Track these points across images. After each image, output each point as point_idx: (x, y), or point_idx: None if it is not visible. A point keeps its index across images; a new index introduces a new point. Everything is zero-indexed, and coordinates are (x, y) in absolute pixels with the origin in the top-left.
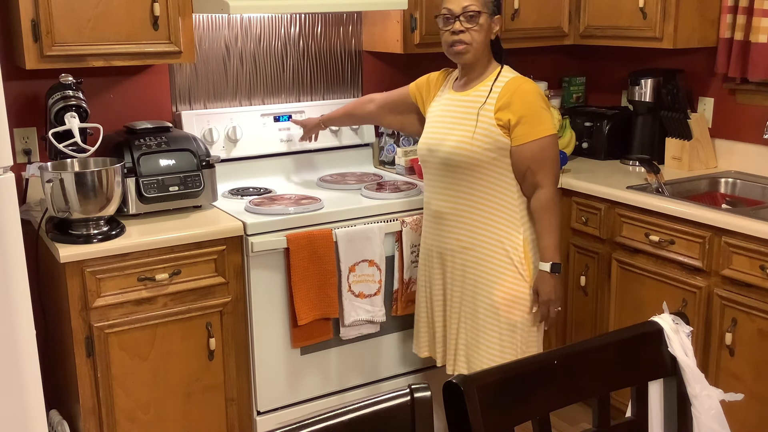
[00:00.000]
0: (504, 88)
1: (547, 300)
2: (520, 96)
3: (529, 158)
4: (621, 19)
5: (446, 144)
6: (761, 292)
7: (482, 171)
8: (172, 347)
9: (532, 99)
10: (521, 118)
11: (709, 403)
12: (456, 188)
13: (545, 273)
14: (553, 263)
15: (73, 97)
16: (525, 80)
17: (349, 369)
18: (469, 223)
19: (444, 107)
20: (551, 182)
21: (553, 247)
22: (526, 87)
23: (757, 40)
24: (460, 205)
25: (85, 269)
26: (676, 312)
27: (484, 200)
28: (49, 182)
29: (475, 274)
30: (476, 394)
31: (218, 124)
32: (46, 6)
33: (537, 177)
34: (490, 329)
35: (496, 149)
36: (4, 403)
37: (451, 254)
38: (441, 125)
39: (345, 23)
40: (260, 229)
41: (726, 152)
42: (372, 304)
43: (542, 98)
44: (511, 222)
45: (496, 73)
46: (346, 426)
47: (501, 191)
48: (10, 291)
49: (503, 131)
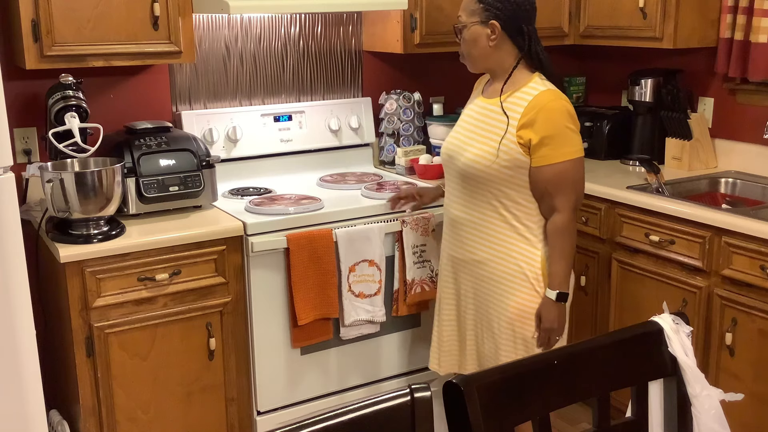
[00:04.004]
0: (530, 104)
1: (549, 328)
2: (545, 114)
3: (547, 181)
4: (621, 19)
5: (465, 154)
6: (761, 292)
7: (499, 186)
8: (172, 347)
9: (557, 119)
10: (543, 138)
11: (709, 403)
12: (472, 199)
13: (550, 300)
14: (560, 292)
15: (73, 97)
16: (554, 96)
17: (350, 369)
18: (483, 235)
19: (470, 112)
20: (568, 208)
21: (563, 275)
22: (553, 105)
23: (757, 40)
24: (475, 217)
25: (85, 269)
26: (676, 312)
27: (500, 215)
28: (49, 182)
29: (487, 290)
30: (476, 394)
31: (218, 124)
32: (46, 6)
33: (554, 201)
34: (505, 344)
35: (514, 167)
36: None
37: (463, 265)
38: (464, 131)
39: (345, 23)
40: (260, 229)
41: (726, 152)
42: (372, 304)
43: (570, 118)
44: (527, 238)
45: (525, 84)
46: (346, 426)
47: (519, 207)
48: (10, 291)
49: (524, 150)
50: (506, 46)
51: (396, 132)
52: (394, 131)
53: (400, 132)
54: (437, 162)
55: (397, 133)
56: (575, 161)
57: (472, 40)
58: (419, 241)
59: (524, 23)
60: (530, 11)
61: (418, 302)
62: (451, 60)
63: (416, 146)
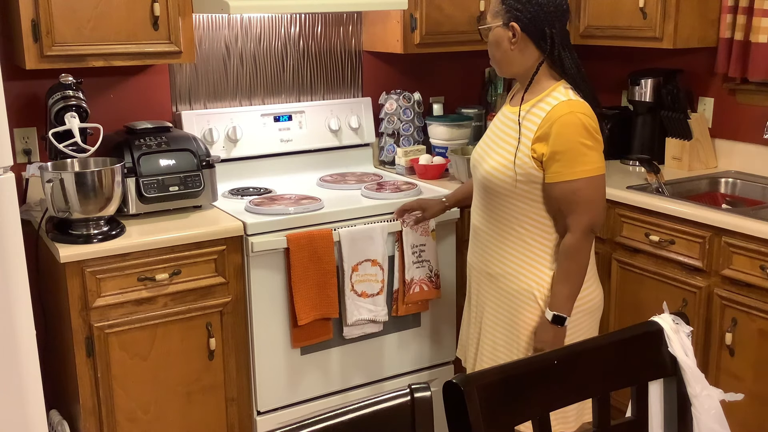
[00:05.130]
0: (547, 116)
1: (539, 349)
2: (559, 128)
3: (560, 199)
4: (621, 19)
5: (484, 165)
6: (761, 292)
7: (515, 200)
8: (172, 347)
9: (572, 133)
10: (555, 154)
11: (709, 403)
12: (490, 210)
13: (546, 320)
14: (557, 315)
15: (73, 97)
16: (571, 108)
17: (350, 369)
18: (498, 249)
19: (497, 120)
20: (581, 228)
21: (564, 298)
22: (567, 119)
23: (757, 40)
24: (491, 229)
25: (85, 269)
26: (676, 312)
27: (515, 230)
28: (49, 182)
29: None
30: (476, 394)
31: (218, 124)
32: (46, 6)
33: (567, 220)
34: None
35: (528, 182)
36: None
37: (476, 274)
38: (487, 140)
39: (345, 23)
40: (260, 229)
41: (726, 152)
42: (374, 303)
43: (586, 133)
44: (539, 257)
45: (548, 92)
46: (346, 426)
47: (534, 224)
48: (10, 291)
49: (537, 164)
50: (529, 49)
51: (396, 132)
52: (394, 131)
53: (400, 132)
54: (437, 162)
55: (397, 133)
56: (590, 180)
57: (495, 43)
58: (419, 241)
59: (547, 26)
60: (554, 13)
61: (417, 302)
62: (451, 60)
63: (416, 146)
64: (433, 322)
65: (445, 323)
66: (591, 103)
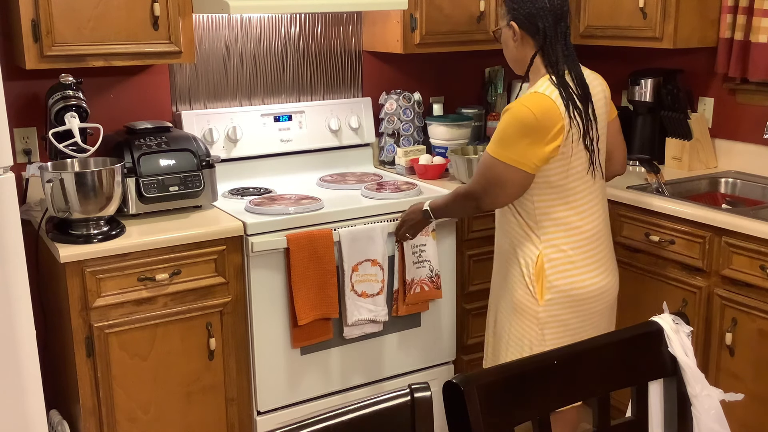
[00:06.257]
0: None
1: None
2: (504, 115)
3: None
4: (621, 19)
5: None
6: (761, 292)
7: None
8: (172, 347)
9: (507, 121)
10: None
11: (709, 403)
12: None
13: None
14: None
15: (73, 97)
16: (525, 100)
17: (350, 369)
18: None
19: None
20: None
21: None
22: (514, 108)
23: (757, 40)
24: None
25: (85, 269)
26: (676, 312)
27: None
28: (49, 182)
29: (496, 282)
30: (476, 394)
31: (218, 124)
32: (46, 6)
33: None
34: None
35: None
36: (4, 403)
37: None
38: None
39: (345, 23)
40: (260, 229)
41: (726, 152)
42: (375, 303)
43: (522, 125)
44: (529, 236)
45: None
46: (346, 426)
47: (521, 204)
48: (10, 291)
49: None
50: (528, 46)
51: (396, 132)
52: (394, 131)
53: (400, 132)
54: (437, 162)
55: (397, 133)
56: (496, 163)
57: (504, 43)
58: (419, 240)
59: (540, 21)
60: (548, 9)
61: (417, 302)
62: (451, 60)
63: (416, 146)
64: (433, 322)
65: (445, 323)
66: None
